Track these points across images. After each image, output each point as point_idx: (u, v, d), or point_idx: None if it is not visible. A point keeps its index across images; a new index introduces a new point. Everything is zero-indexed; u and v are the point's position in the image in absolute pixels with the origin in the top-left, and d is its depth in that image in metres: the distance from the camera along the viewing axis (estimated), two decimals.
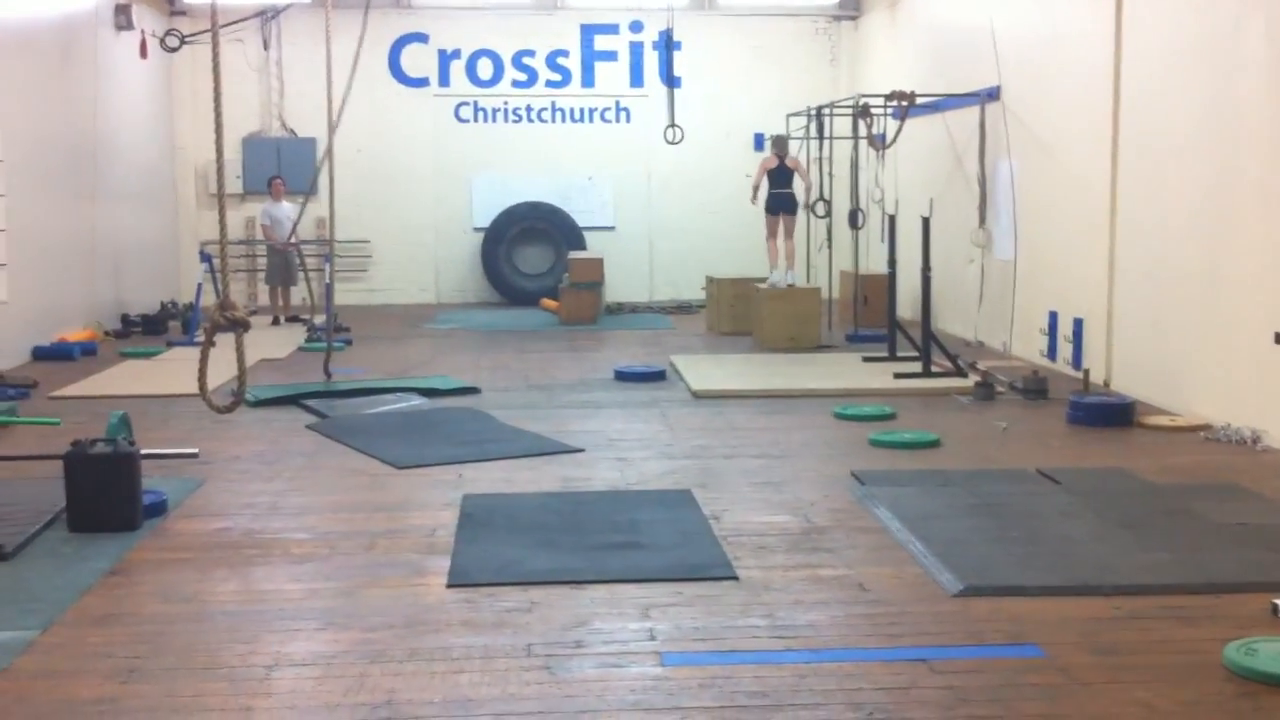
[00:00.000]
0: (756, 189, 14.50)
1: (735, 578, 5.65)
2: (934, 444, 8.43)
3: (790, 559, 5.96)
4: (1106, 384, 10.40)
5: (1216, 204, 8.95)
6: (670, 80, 17.30)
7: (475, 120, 18.67)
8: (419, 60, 18.48)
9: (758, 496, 7.14)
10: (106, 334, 14.12)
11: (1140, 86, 10.02)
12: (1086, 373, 10.34)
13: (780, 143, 14.43)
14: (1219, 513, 6.65)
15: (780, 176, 14.17)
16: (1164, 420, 9.07)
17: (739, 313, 14.32)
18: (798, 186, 14.38)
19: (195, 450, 8.04)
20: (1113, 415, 9.13)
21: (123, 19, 15.39)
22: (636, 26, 18.68)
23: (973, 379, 10.49)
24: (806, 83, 17.99)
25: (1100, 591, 5.44)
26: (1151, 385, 9.77)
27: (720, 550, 6.04)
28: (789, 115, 16.10)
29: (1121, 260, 10.38)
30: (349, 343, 13.46)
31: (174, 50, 16.73)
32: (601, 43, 18.77)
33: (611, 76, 18.78)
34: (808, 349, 12.85)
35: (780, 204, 14.15)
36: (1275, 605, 5.13)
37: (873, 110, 14.16)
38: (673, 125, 16.63)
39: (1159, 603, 5.32)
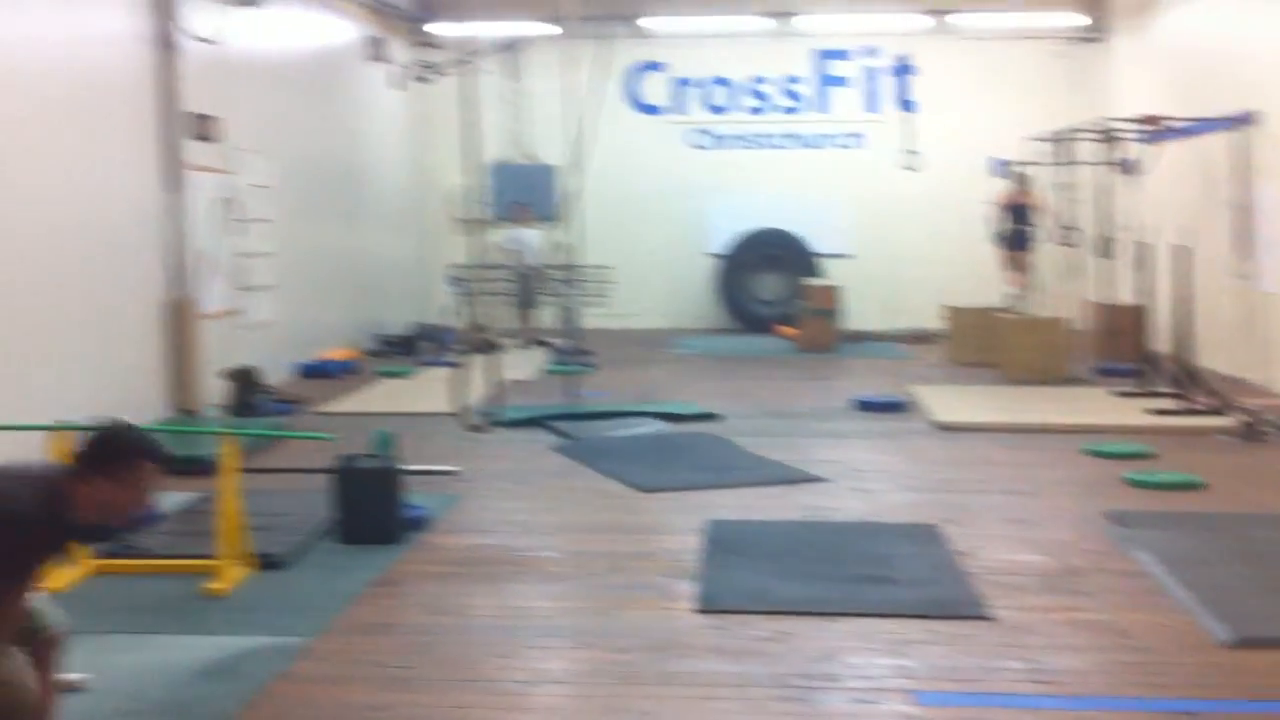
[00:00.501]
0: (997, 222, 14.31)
1: (989, 618, 5.53)
2: (1197, 485, 8.05)
3: (1046, 600, 5.80)
4: None
5: None
6: (906, 105, 17.08)
7: (710, 147, 18.85)
8: (655, 87, 18.77)
9: (1008, 534, 6.97)
10: (364, 353, 14.79)
11: None
12: None
13: (1018, 177, 14.21)
14: None
15: (1018, 212, 14.01)
16: None
17: (980, 343, 13.99)
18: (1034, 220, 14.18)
19: (458, 468, 8.36)
20: None
21: (377, 51, 16.15)
22: (871, 51, 18.52)
23: (1236, 417, 9.97)
24: (1048, 107, 17.43)
25: None
26: None
27: (972, 588, 5.91)
28: (1030, 139, 15.71)
29: None
30: (592, 366, 13.74)
31: (425, 81, 17.48)
32: (836, 68, 18.69)
33: (846, 102, 18.67)
34: (1054, 382, 12.45)
35: (1014, 240, 14.04)
36: None
37: (1120, 134, 13.66)
38: (910, 151, 16.42)
39: None
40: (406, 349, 15.30)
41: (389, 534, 6.63)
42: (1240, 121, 12.38)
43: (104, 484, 3.60)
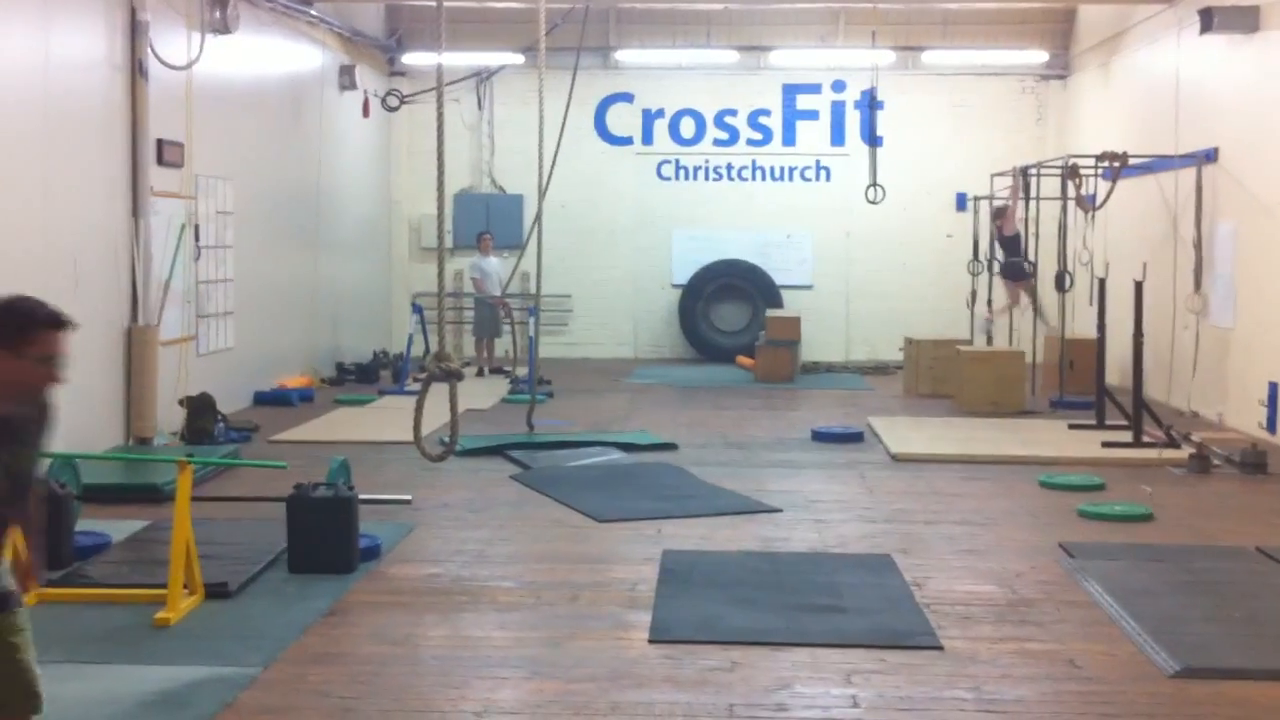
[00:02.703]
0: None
1: (940, 647, 5.55)
2: (1146, 517, 8.13)
3: (997, 630, 5.83)
4: None
5: None
6: (872, 139, 17.23)
7: (676, 178, 18.93)
8: (624, 119, 18.86)
9: (961, 564, 7.01)
10: (322, 381, 14.72)
11: None
12: None
13: (998, 211, 14.54)
14: None
15: (1012, 242, 14.34)
16: None
17: (938, 375, 14.11)
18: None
19: (409, 497, 8.33)
20: None
21: (346, 79, 16.16)
22: (839, 86, 18.68)
23: (1186, 451, 10.09)
24: (1012, 142, 17.66)
25: None
26: None
27: (924, 618, 5.95)
28: (994, 175, 15.86)
29: None
30: (550, 395, 13.73)
31: (394, 109, 17.51)
32: (803, 102, 18.82)
33: (813, 135, 18.81)
34: (1011, 414, 12.56)
35: (1011, 270, 14.33)
36: None
37: (1082, 171, 13.84)
38: (874, 184, 16.56)
39: None
40: (366, 377, 15.25)
41: (341, 563, 6.59)
42: (1203, 159, 12.57)
43: (5, 361, 3.29)
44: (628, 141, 18.86)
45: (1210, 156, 12.45)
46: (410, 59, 18.10)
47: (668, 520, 7.93)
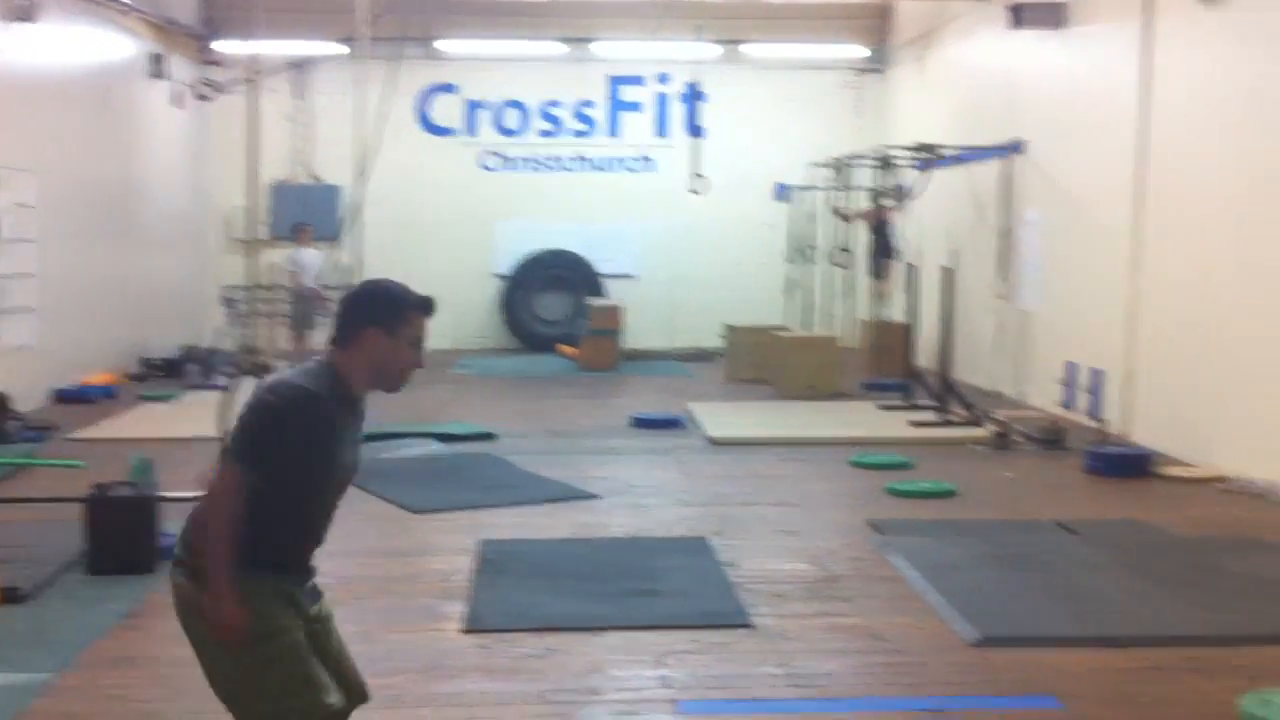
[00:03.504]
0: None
1: (751, 625, 5.64)
2: (951, 494, 8.41)
3: (807, 607, 5.95)
4: (1124, 435, 10.35)
5: (1246, 256, 8.94)
6: (695, 131, 17.42)
7: (500, 168, 18.84)
8: (447, 110, 18.66)
9: (775, 544, 7.13)
10: (127, 377, 14.20)
11: (1169, 138, 10.04)
12: (1103, 423, 10.31)
13: (876, 195, 14.84)
14: (1237, 564, 6.62)
15: (880, 229, 14.64)
16: (1181, 471, 9.03)
17: (758, 361, 14.33)
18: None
19: None
20: (1130, 466, 9.09)
21: (158, 69, 15.60)
22: (664, 78, 18.81)
23: (989, 429, 10.46)
24: (832, 134, 18.02)
25: (1118, 643, 5.42)
26: (1170, 436, 9.73)
27: (736, 598, 6.03)
28: (812, 165, 16.17)
29: (1143, 312, 10.37)
30: None
31: (207, 99, 16.96)
32: (628, 93, 18.91)
33: (637, 127, 18.91)
34: (826, 397, 12.84)
35: (878, 254, 14.93)
36: None
37: (896, 162, 14.22)
38: (697, 175, 16.74)
39: (1177, 654, 5.29)
40: (173, 372, 14.76)
41: (143, 564, 6.36)
42: (1007, 150, 13.02)
43: (380, 340, 3.33)
44: (451, 132, 18.68)
45: (1018, 148, 12.92)
46: (225, 47, 17.55)
47: (486, 510, 7.88)
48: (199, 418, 10.74)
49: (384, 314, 3.37)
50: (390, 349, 3.37)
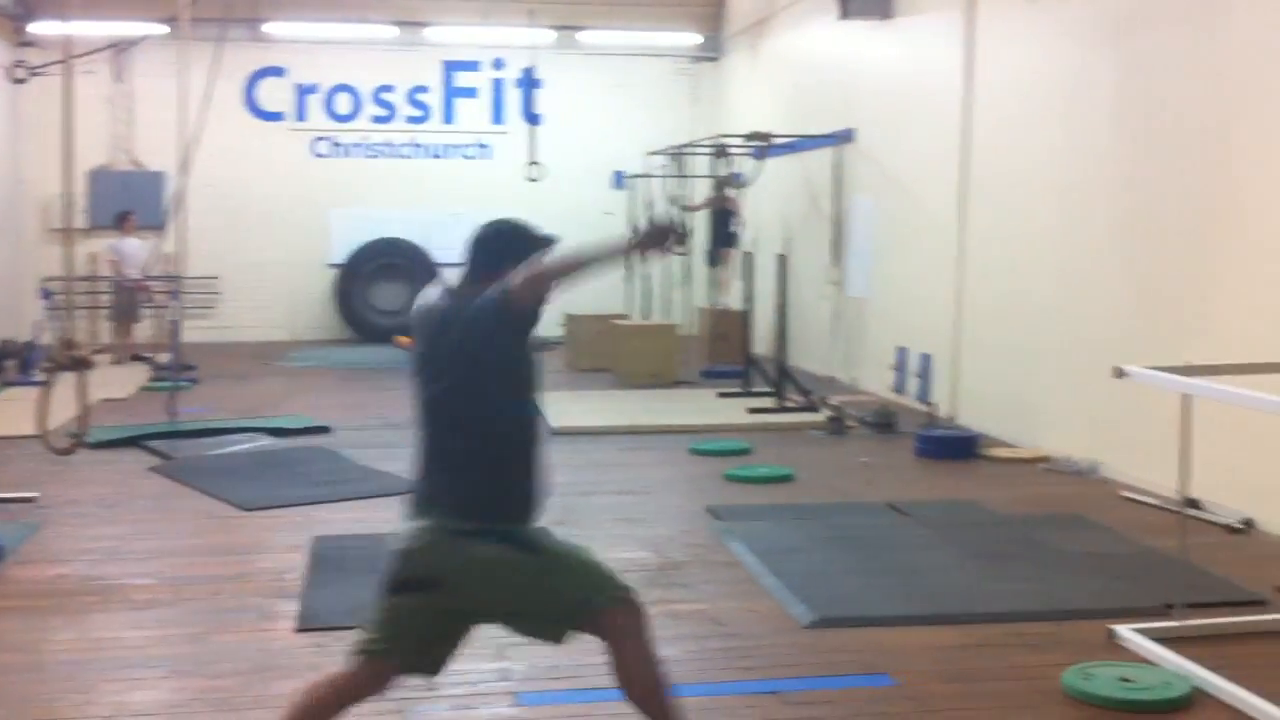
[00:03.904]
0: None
1: None
2: (788, 478, 8.53)
3: (647, 594, 5.85)
4: (952, 418, 10.65)
5: (1062, 243, 9.26)
6: (531, 118, 17.33)
7: (333, 155, 18.45)
8: (275, 94, 18.18)
9: (616, 533, 7.13)
10: None
11: (990, 128, 10.35)
12: (932, 406, 10.59)
13: (720, 183, 14.82)
14: (1061, 542, 6.86)
15: (721, 217, 14.67)
16: (1006, 453, 9.33)
17: (598, 349, 14.33)
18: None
19: (35, 494, 7.74)
20: (958, 448, 9.36)
21: None
22: (499, 64, 18.66)
23: (825, 414, 10.66)
24: (668, 122, 18.13)
25: (949, 620, 5.56)
26: (996, 419, 10.04)
27: None
28: (649, 153, 16.22)
29: (969, 297, 10.68)
30: (195, 381, 13.09)
31: (21, 82, 16.18)
32: (463, 79, 18.71)
33: (473, 113, 18.72)
34: (666, 385, 12.91)
35: (718, 242, 14.86)
36: (1111, 631, 5.29)
37: (731, 150, 14.35)
38: (533, 163, 16.66)
39: (1006, 630, 5.45)
40: None
41: None
42: (842, 139, 13.26)
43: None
44: (280, 117, 18.22)
45: (848, 137, 13.16)
46: (41, 28, 16.77)
47: (319, 506, 7.70)
48: (17, 414, 10.28)
49: (527, 248, 3.67)
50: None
